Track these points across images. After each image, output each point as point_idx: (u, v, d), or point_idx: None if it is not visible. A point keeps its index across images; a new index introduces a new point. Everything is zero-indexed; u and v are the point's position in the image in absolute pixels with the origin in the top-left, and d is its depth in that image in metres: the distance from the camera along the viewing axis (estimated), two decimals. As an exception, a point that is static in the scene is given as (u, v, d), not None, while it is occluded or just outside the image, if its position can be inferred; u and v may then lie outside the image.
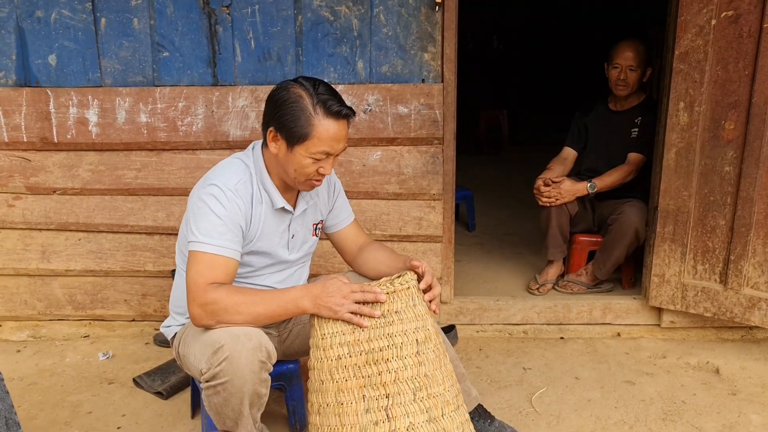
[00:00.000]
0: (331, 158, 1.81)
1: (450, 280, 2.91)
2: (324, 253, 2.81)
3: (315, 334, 1.69)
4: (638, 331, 2.93)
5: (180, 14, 2.63)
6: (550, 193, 3.12)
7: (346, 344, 1.64)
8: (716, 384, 2.52)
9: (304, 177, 1.82)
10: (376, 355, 1.63)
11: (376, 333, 1.64)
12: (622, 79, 3.09)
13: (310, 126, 1.74)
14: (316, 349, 1.69)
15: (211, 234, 1.76)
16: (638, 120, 3.15)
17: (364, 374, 1.62)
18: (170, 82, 2.70)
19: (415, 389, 1.63)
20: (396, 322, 1.66)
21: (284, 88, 1.78)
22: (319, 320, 1.68)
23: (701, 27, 2.51)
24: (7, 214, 2.84)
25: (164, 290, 2.92)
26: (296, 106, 1.74)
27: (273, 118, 1.78)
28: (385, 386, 1.62)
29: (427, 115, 2.69)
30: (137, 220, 2.84)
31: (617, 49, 3.10)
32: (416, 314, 1.70)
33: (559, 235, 3.21)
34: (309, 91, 1.75)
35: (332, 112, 1.74)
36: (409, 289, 1.71)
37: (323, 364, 1.66)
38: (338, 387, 1.63)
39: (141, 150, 2.77)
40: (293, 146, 1.77)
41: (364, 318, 1.65)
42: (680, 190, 2.69)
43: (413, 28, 2.63)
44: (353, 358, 1.63)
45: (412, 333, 1.67)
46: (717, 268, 2.70)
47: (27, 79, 2.71)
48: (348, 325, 1.65)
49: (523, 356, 2.76)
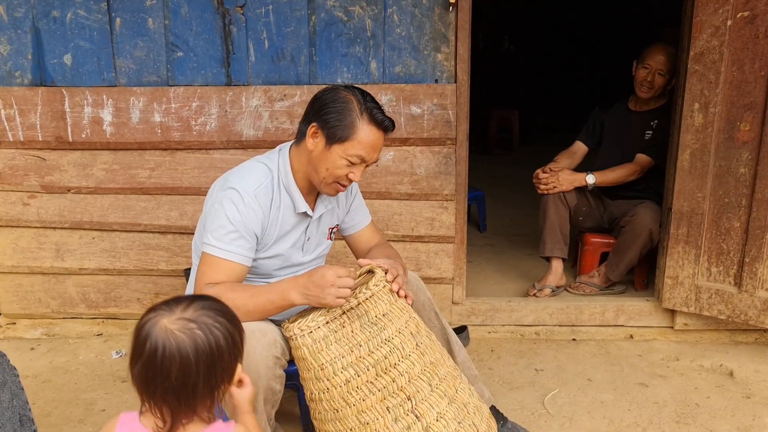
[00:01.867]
0: (363, 165, 1.84)
1: (462, 281, 2.90)
2: (336, 253, 2.81)
3: (310, 367, 1.64)
4: (651, 333, 2.92)
5: (194, 14, 2.64)
6: (547, 180, 3.11)
7: (350, 365, 1.60)
8: (730, 387, 2.51)
9: (333, 178, 1.83)
10: (383, 363, 1.61)
11: (374, 343, 1.62)
12: (649, 80, 3.07)
13: (354, 128, 1.77)
14: (317, 381, 1.64)
15: (223, 239, 1.78)
16: (654, 123, 3.13)
17: (379, 387, 1.60)
18: (184, 81, 2.71)
19: (429, 380, 1.64)
20: (388, 324, 1.64)
21: (334, 90, 1.83)
22: (311, 352, 1.63)
23: (717, 27, 2.49)
24: (22, 212, 2.87)
25: (177, 289, 2.93)
26: (345, 107, 1.78)
27: (317, 115, 1.81)
28: (403, 390, 1.60)
29: (440, 116, 2.69)
30: (150, 219, 2.85)
31: (650, 51, 3.09)
32: (400, 308, 1.70)
33: (557, 228, 3.15)
34: (358, 97, 1.80)
35: (377, 120, 1.80)
36: (385, 287, 1.70)
37: (332, 393, 1.62)
38: (358, 409, 1.60)
39: (155, 149, 2.79)
40: (332, 145, 1.79)
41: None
42: (694, 191, 2.67)
43: (426, 28, 2.63)
44: (362, 376, 1.60)
45: (405, 328, 1.67)
46: (731, 270, 2.68)
47: (42, 79, 2.73)
48: (344, 346, 1.62)
49: (535, 357, 2.75)
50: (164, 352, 1.17)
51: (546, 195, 3.16)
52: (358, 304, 1.64)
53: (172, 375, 1.17)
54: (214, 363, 1.20)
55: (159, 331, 1.18)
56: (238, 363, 1.27)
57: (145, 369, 1.18)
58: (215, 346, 1.20)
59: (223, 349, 1.21)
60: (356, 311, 1.64)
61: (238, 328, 1.26)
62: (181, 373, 1.17)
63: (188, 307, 1.22)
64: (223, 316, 1.24)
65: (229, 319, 1.25)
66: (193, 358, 1.17)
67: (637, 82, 3.13)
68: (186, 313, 1.21)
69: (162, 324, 1.19)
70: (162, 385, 1.18)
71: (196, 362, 1.17)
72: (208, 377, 1.20)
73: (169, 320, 1.19)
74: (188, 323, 1.20)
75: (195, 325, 1.19)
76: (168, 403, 1.19)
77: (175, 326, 1.18)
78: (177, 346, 1.17)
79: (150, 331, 1.18)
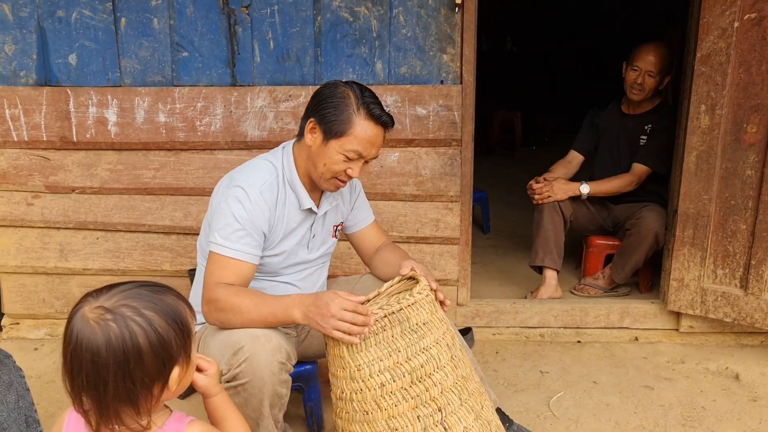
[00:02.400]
0: (361, 161, 1.83)
1: (467, 283, 2.89)
2: (341, 254, 2.81)
3: (347, 365, 1.62)
4: (656, 336, 2.91)
5: (200, 14, 2.63)
6: (541, 190, 3.09)
7: (387, 370, 1.59)
8: (736, 390, 2.50)
9: (331, 174, 1.83)
10: (419, 372, 1.59)
11: (413, 350, 1.60)
12: (639, 83, 3.02)
13: (350, 123, 1.77)
14: (351, 381, 1.62)
15: (229, 237, 1.78)
16: (648, 127, 3.10)
17: (413, 395, 1.58)
18: (189, 82, 2.71)
19: (459, 393, 1.63)
20: (427, 334, 1.62)
21: (333, 86, 1.82)
22: (350, 352, 1.61)
23: (724, 29, 2.49)
24: (26, 212, 2.86)
25: (180, 290, 2.88)
26: (341, 102, 1.78)
27: (315, 110, 1.82)
28: (435, 401, 1.60)
29: (446, 117, 2.68)
30: (155, 220, 2.85)
31: (640, 51, 3.03)
32: (439, 319, 1.69)
33: (550, 239, 3.08)
34: (356, 92, 1.80)
35: (373, 115, 1.79)
36: (428, 296, 1.68)
37: (365, 395, 1.60)
38: (388, 414, 1.59)
39: (159, 150, 2.78)
40: (329, 140, 1.79)
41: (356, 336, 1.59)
42: (700, 193, 2.66)
43: (432, 29, 2.62)
44: (398, 381, 1.58)
45: (443, 339, 1.65)
46: (737, 272, 2.67)
47: (47, 79, 2.72)
48: (384, 349, 1.59)
49: (540, 360, 2.74)
50: (76, 343, 1.05)
51: (541, 204, 3.13)
52: (400, 309, 1.62)
53: (83, 370, 1.05)
54: (127, 363, 1.05)
55: (77, 319, 1.07)
56: (173, 367, 1.11)
57: (63, 359, 1.08)
58: (131, 344, 1.05)
59: (142, 348, 1.06)
60: (397, 316, 1.61)
61: (176, 326, 1.10)
62: (92, 369, 1.05)
63: (115, 295, 1.08)
64: (153, 309, 1.08)
65: (162, 314, 1.09)
66: (103, 354, 1.04)
67: (627, 84, 3.08)
68: (108, 302, 1.07)
69: (82, 311, 1.07)
70: (77, 379, 1.06)
71: (106, 359, 1.04)
72: (122, 379, 1.05)
73: (89, 308, 1.07)
74: (105, 313, 1.06)
75: (111, 317, 1.06)
76: (88, 400, 1.08)
77: (92, 315, 1.06)
78: (88, 337, 1.04)
79: (72, 317, 1.08)
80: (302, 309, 1.67)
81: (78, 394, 1.08)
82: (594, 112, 3.34)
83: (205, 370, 1.27)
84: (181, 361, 1.13)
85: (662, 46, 3.06)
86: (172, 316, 1.10)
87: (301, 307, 1.68)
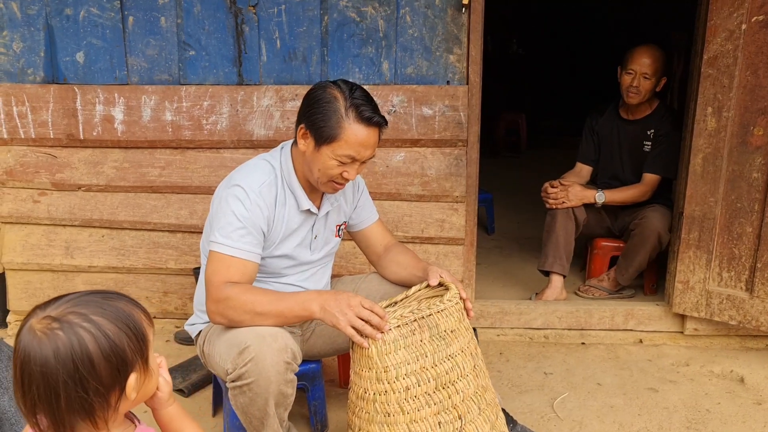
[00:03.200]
0: (356, 164, 1.81)
1: (471, 283, 2.89)
2: (345, 254, 2.81)
3: (373, 366, 1.62)
4: (661, 338, 2.90)
5: (207, 13, 2.64)
6: (557, 195, 3.07)
7: (413, 373, 1.59)
8: (741, 393, 2.49)
9: (327, 178, 1.82)
10: (443, 378, 1.61)
11: (439, 356, 1.61)
12: (634, 86, 2.98)
13: (339, 128, 1.74)
14: (377, 381, 1.62)
15: (230, 236, 1.78)
16: (651, 132, 3.08)
17: (436, 401, 1.60)
18: (196, 80, 2.71)
19: (479, 403, 1.65)
20: (454, 341, 1.64)
21: (321, 88, 1.79)
22: (379, 353, 1.60)
23: (731, 31, 2.48)
24: (32, 209, 2.87)
25: (185, 288, 2.93)
26: (329, 106, 1.74)
27: (305, 115, 1.79)
28: (456, 408, 1.61)
29: (452, 117, 2.68)
30: (160, 218, 2.85)
31: (633, 54, 3.00)
32: (466, 328, 1.70)
33: (561, 244, 3.07)
34: (345, 94, 1.75)
35: (363, 117, 1.74)
36: (457, 304, 1.69)
37: (389, 396, 1.60)
38: (410, 418, 1.60)
39: (165, 148, 2.79)
40: (320, 146, 1.77)
41: (366, 338, 1.61)
42: (706, 196, 2.66)
43: (439, 30, 2.62)
44: (422, 386, 1.59)
45: (467, 348, 1.67)
46: (743, 275, 2.66)
47: (55, 76, 2.73)
48: (412, 353, 1.60)
49: (544, 361, 2.74)
50: (24, 356, 1.01)
51: (554, 209, 3.10)
52: (430, 314, 1.63)
53: (33, 383, 1.01)
54: (78, 372, 1.00)
55: (24, 333, 1.02)
56: (129, 374, 1.06)
57: (13, 376, 1.03)
58: (80, 351, 1.00)
59: (92, 355, 1.01)
60: (427, 321, 1.62)
61: (129, 331, 1.06)
62: (42, 381, 1.00)
63: (63, 304, 1.04)
64: (103, 315, 1.04)
65: (113, 319, 1.05)
66: (52, 364, 0.99)
67: (623, 88, 3.05)
68: (55, 311, 1.03)
69: (29, 323, 1.02)
70: (29, 394, 1.01)
71: (56, 369, 1.00)
72: (74, 389, 1.00)
73: (36, 319, 1.02)
74: (52, 323, 1.01)
75: (58, 325, 1.01)
76: (42, 416, 1.03)
77: (39, 326, 1.01)
78: (36, 349, 1.00)
79: (19, 332, 1.03)
80: (320, 302, 1.69)
81: (32, 411, 1.03)
82: (591, 118, 3.30)
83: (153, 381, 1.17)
84: (138, 368, 1.08)
85: (656, 47, 3.02)
86: (123, 321, 1.06)
87: (319, 300, 1.69)
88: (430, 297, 1.80)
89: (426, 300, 1.79)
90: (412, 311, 1.63)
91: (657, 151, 3.04)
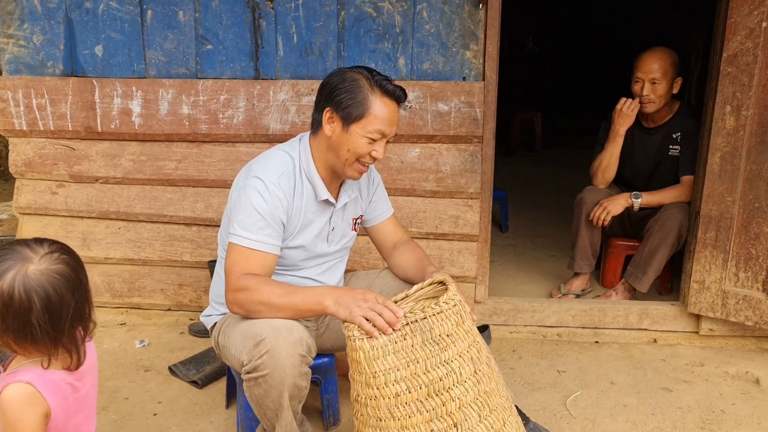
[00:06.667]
0: (384, 141, 1.84)
1: (485, 280, 2.89)
2: (359, 249, 2.81)
3: (362, 371, 1.58)
4: (675, 338, 2.88)
5: (225, 7, 2.65)
6: (600, 215, 2.99)
7: (403, 380, 1.53)
8: (756, 394, 2.47)
9: (356, 157, 1.83)
10: (436, 385, 1.53)
11: (432, 362, 1.54)
12: (645, 95, 2.90)
13: (368, 103, 1.78)
14: (367, 387, 1.57)
15: (250, 228, 1.79)
16: (677, 135, 3.01)
17: (428, 408, 1.53)
18: (213, 74, 2.73)
19: (479, 410, 1.57)
20: (450, 346, 1.56)
21: (339, 74, 1.83)
22: (366, 358, 1.56)
23: (751, 29, 2.46)
24: (50, 201, 2.90)
25: (200, 281, 2.95)
26: (354, 85, 1.78)
27: (329, 99, 1.81)
28: (451, 416, 1.54)
29: (467, 114, 2.68)
30: (176, 211, 2.88)
31: (638, 61, 2.92)
32: (465, 331, 1.61)
33: (587, 246, 3.12)
34: (364, 74, 1.80)
35: (388, 90, 1.79)
36: (455, 306, 1.60)
37: (379, 402, 1.56)
38: (401, 424, 1.54)
39: (182, 141, 2.81)
40: (349, 125, 1.79)
41: (377, 330, 1.57)
42: (724, 195, 2.63)
43: (456, 26, 2.62)
44: (413, 393, 1.53)
45: (467, 353, 1.59)
46: (760, 276, 2.64)
47: (74, 69, 2.76)
48: (402, 359, 1.54)
49: (557, 359, 2.73)
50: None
51: (578, 209, 3.09)
52: (424, 318, 1.56)
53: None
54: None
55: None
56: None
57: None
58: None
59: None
60: (420, 325, 1.56)
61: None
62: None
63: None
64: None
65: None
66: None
67: (635, 97, 2.96)
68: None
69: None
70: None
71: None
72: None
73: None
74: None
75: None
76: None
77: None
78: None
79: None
80: (334, 296, 1.69)
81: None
82: (608, 122, 3.16)
83: None
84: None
85: (662, 49, 2.92)
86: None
87: (333, 294, 1.70)
88: (430, 297, 1.74)
89: (424, 300, 1.74)
90: (405, 314, 1.58)
91: (690, 151, 2.94)
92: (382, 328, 1.56)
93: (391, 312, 1.58)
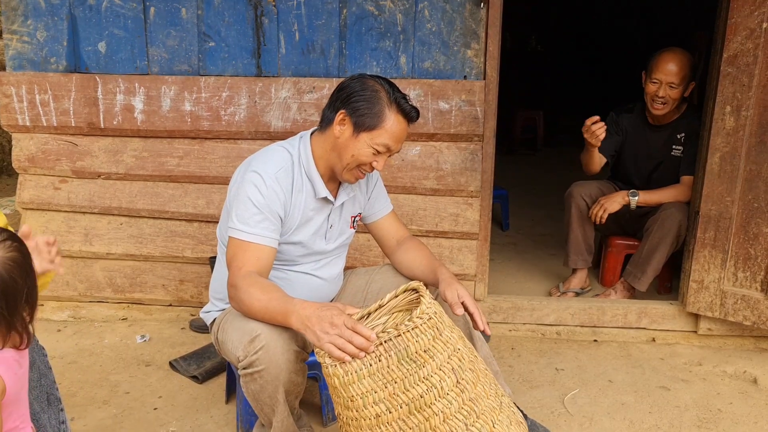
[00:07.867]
0: (386, 155, 1.87)
1: (484, 278, 2.90)
2: (360, 246, 2.83)
3: (340, 395, 1.52)
4: (674, 337, 2.89)
5: (227, 5, 2.66)
6: (597, 213, 3.00)
7: (382, 401, 1.48)
8: (753, 394, 2.48)
9: (356, 164, 1.86)
10: (418, 402, 1.47)
11: (411, 380, 1.47)
12: (660, 96, 2.87)
13: (383, 116, 1.81)
14: (346, 409, 1.52)
15: (248, 222, 1.81)
16: (681, 136, 3.00)
17: (410, 425, 1.48)
18: (215, 71, 2.74)
19: (465, 418, 1.51)
20: (428, 361, 1.48)
21: (361, 79, 1.86)
22: (341, 383, 1.50)
23: (752, 30, 2.46)
24: (53, 196, 2.92)
25: (201, 277, 2.97)
26: (374, 96, 1.81)
27: (346, 102, 1.83)
28: (435, 430, 1.49)
29: (468, 112, 2.69)
30: (178, 207, 2.89)
31: (658, 61, 2.86)
32: (444, 342, 1.53)
33: (580, 240, 3.12)
34: (385, 87, 1.84)
35: (405, 110, 1.83)
36: (431, 320, 1.51)
37: (360, 423, 1.51)
38: None
39: (184, 138, 2.82)
40: (360, 132, 1.82)
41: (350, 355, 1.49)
42: (723, 195, 2.64)
43: (457, 24, 2.63)
44: (394, 412, 1.48)
45: (447, 364, 1.51)
46: (758, 276, 2.65)
47: (77, 65, 2.78)
48: (378, 381, 1.48)
49: (556, 357, 2.74)
50: None
51: (567, 203, 3.12)
52: (398, 335, 1.48)
53: None
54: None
55: None
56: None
57: None
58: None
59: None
60: (394, 343, 1.48)
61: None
62: None
63: None
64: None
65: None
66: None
67: (648, 96, 2.92)
68: None
69: None
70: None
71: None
72: None
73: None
74: None
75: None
76: None
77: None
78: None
79: None
80: (301, 319, 1.61)
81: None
82: (618, 114, 3.17)
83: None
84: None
85: (682, 52, 2.88)
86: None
87: (300, 316, 1.61)
88: (405, 309, 1.68)
89: (399, 313, 1.67)
90: (378, 335, 1.49)
91: (692, 152, 2.90)
92: (354, 354, 1.48)
93: (363, 337, 1.49)
